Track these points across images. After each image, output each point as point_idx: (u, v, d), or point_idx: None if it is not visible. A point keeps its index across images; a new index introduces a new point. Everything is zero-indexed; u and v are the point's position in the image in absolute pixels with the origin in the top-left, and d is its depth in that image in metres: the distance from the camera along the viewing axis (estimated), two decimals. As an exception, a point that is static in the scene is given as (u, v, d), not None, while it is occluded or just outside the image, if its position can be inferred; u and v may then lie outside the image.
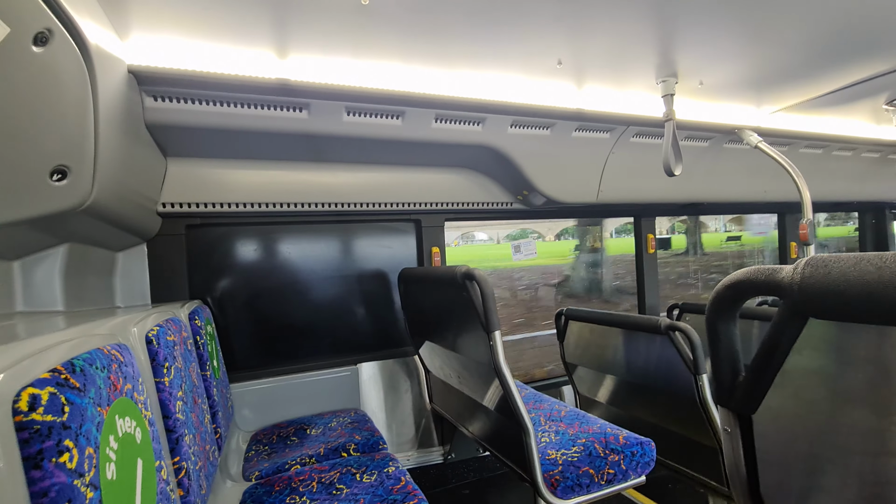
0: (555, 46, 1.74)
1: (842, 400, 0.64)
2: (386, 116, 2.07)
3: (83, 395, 0.66)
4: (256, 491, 1.63)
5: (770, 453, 0.76)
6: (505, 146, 2.42)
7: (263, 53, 1.66)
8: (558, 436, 1.96)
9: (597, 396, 2.65)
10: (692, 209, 3.69)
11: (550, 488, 1.68)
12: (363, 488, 1.58)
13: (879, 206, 4.67)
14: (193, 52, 1.61)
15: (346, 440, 2.00)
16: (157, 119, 1.76)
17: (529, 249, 3.23)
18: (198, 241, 2.37)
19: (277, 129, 1.97)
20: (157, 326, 1.20)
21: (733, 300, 0.75)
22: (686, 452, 2.12)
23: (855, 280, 0.56)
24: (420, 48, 1.69)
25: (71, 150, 1.16)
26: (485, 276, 1.66)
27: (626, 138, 2.64)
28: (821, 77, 2.21)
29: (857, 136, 3.18)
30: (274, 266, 2.58)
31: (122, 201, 1.52)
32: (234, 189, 2.25)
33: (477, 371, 1.93)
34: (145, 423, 0.89)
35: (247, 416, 2.38)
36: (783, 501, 0.75)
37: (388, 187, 2.58)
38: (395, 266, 2.76)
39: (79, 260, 1.62)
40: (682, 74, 2.08)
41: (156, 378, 1.11)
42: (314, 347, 2.65)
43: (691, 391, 1.96)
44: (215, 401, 1.75)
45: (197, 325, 1.77)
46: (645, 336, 2.19)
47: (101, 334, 0.89)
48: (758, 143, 2.69)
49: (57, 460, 0.58)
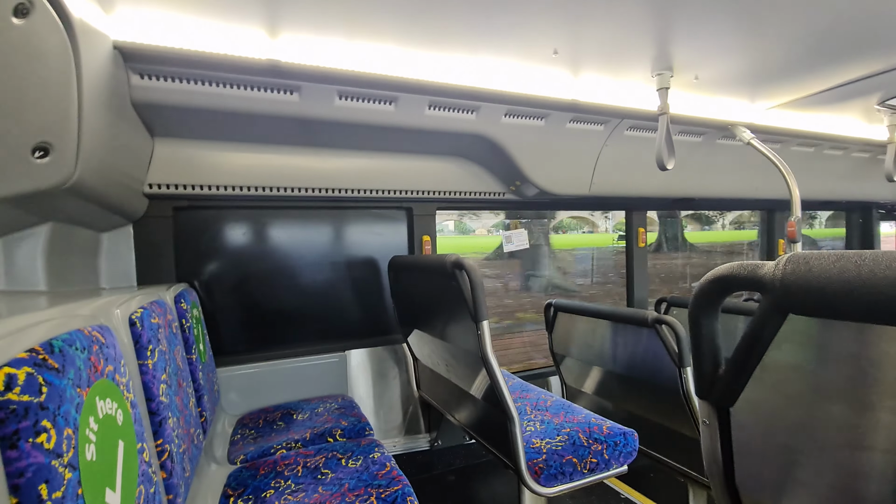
0: (551, 34, 1.72)
1: (819, 395, 0.65)
2: (379, 102, 2.05)
3: (62, 376, 0.66)
4: (241, 474, 1.63)
5: (747, 445, 0.78)
6: (498, 135, 2.41)
7: (254, 31, 1.62)
8: (543, 425, 1.98)
9: (583, 387, 2.68)
10: (683, 204, 3.72)
11: (534, 476, 1.70)
12: (348, 473, 1.59)
13: (867, 205, 4.73)
14: (181, 28, 1.57)
15: (332, 425, 2.01)
16: (144, 97, 1.72)
17: (521, 240, 3.23)
18: (185, 224, 2.33)
19: (268, 112, 1.94)
20: (141, 308, 1.19)
21: (716, 294, 0.76)
22: (668, 443, 2.16)
23: (835, 277, 0.57)
24: (415, 29, 1.66)
25: (53, 127, 1.14)
26: (474, 266, 1.67)
27: (619, 131, 2.64)
28: (815, 75, 2.22)
29: (849, 136, 3.20)
30: (263, 251, 2.56)
31: (106, 181, 1.49)
32: (222, 171, 2.22)
33: (465, 360, 1.94)
34: (127, 405, 0.88)
35: (233, 401, 2.38)
36: (758, 492, 0.77)
37: (380, 174, 2.56)
38: (386, 254, 2.76)
39: (62, 240, 1.59)
40: (677, 68, 2.07)
41: (139, 360, 1.10)
42: (303, 333, 2.65)
43: (675, 383, 1.99)
44: (201, 384, 1.74)
45: (183, 309, 1.76)
46: (632, 329, 2.21)
47: (82, 315, 0.88)
48: (750, 139, 2.70)
49: (34, 441, 0.58)
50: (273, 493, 1.51)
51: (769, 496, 0.75)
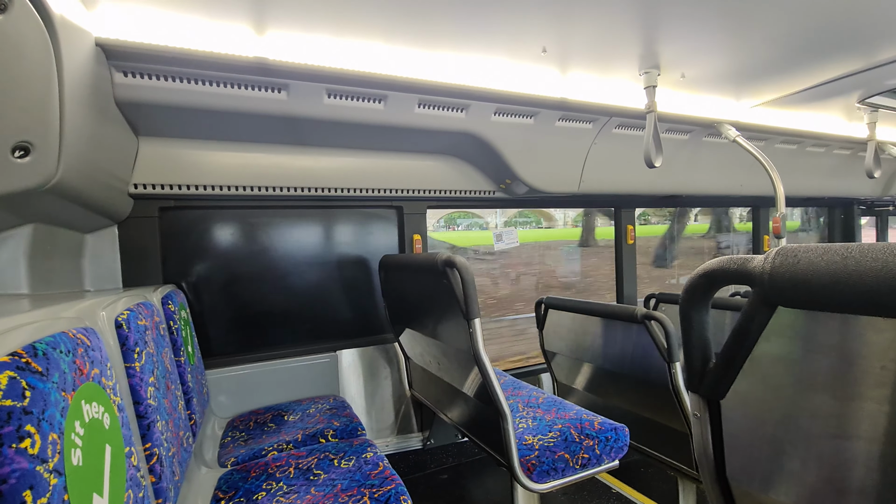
0: (540, 32, 1.73)
1: (805, 386, 0.66)
2: (368, 100, 2.04)
3: (46, 380, 0.64)
4: (232, 477, 1.61)
5: (737, 437, 0.79)
6: (488, 134, 2.41)
7: (241, 28, 1.60)
8: (535, 421, 1.99)
9: (574, 384, 2.70)
10: (670, 201, 3.76)
11: (527, 472, 1.71)
12: (341, 473, 1.58)
13: (848, 201, 4.83)
14: (166, 24, 1.54)
15: (324, 426, 1.99)
16: (128, 96, 1.69)
17: (511, 238, 3.25)
18: (172, 225, 2.30)
19: (255, 110, 1.91)
20: (127, 310, 1.16)
21: (706, 288, 0.76)
22: (658, 438, 2.18)
23: (822, 269, 0.58)
24: (404, 27, 1.65)
25: (34, 126, 1.11)
26: (466, 264, 1.66)
27: (608, 129, 2.66)
28: (798, 73, 2.26)
29: (830, 134, 3.27)
30: (252, 251, 2.53)
31: (90, 181, 1.46)
32: (209, 171, 2.19)
33: (456, 358, 1.94)
34: (114, 408, 0.87)
35: (223, 403, 2.35)
36: (748, 483, 0.78)
37: (370, 173, 2.54)
38: (377, 253, 2.75)
39: (45, 241, 1.55)
40: (664, 66, 2.09)
41: (126, 363, 1.08)
42: (293, 334, 2.63)
43: (665, 378, 2.01)
44: (190, 387, 1.72)
45: (170, 310, 1.73)
46: (622, 325, 2.23)
47: (67, 317, 0.86)
48: (735, 137, 2.74)
49: (18, 446, 0.56)
50: (265, 495, 1.49)
51: (758, 487, 0.76)
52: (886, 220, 5.37)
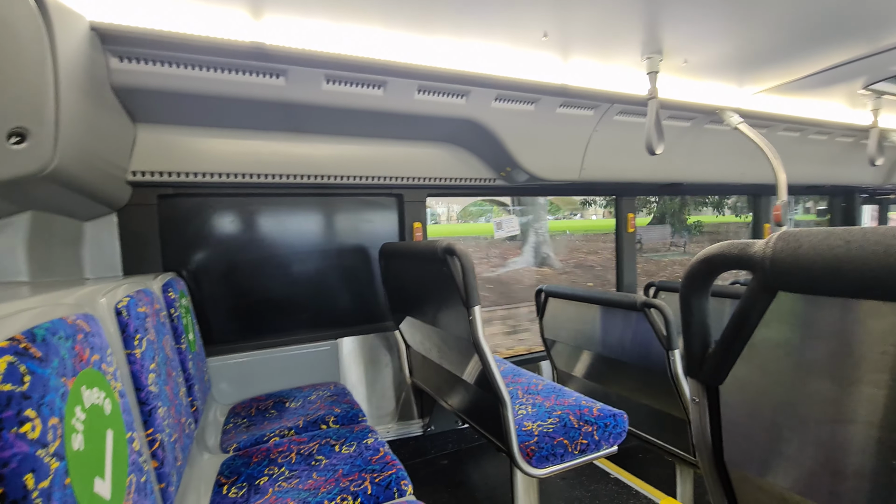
0: (541, 17, 1.70)
1: (804, 371, 0.66)
2: (367, 86, 2.01)
3: (45, 365, 0.64)
4: (234, 462, 1.63)
5: (735, 423, 0.79)
6: (489, 121, 2.39)
7: (237, 13, 1.57)
8: (535, 408, 2.01)
9: (573, 371, 2.72)
10: (672, 189, 3.74)
11: (526, 458, 1.73)
12: (342, 459, 1.60)
13: (850, 189, 4.81)
14: (161, 8, 1.51)
15: (325, 413, 2.01)
16: (124, 81, 1.66)
17: (511, 226, 3.24)
18: (171, 212, 2.29)
19: (254, 96, 1.89)
20: (127, 297, 1.16)
21: (707, 274, 0.76)
22: (657, 424, 2.20)
23: (824, 253, 0.58)
24: (403, 11, 1.62)
25: (29, 112, 1.10)
26: (466, 252, 1.66)
27: (609, 116, 2.63)
28: (802, 59, 2.23)
29: (833, 121, 3.24)
30: (252, 239, 2.53)
31: (87, 168, 1.45)
32: (208, 158, 2.17)
33: (457, 346, 1.95)
34: (115, 394, 0.87)
35: (224, 390, 2.37)
36: (746, 468, 0.79)
37: (370, 160, 2.53)
38: (377, 241, 2.74)
39: (43, 229, 1.55)
40: (667, 52, 2.06)
41: (126, 350, 1.09)
42: (294, 322, 2.63)
43: (663, 365, 2.02)
44: (191, 374, 1.73)
45: (171, 298, 1.73)
46: (621, 313, 2.23)
47: (66, 304, 0.86)
48: (738, 124, 2.71)
49: (18, 430, 0.56)
50: (267, 479, 1.51)
51: (756, 471, 0.76)
52: (887, 208, 5.35)
